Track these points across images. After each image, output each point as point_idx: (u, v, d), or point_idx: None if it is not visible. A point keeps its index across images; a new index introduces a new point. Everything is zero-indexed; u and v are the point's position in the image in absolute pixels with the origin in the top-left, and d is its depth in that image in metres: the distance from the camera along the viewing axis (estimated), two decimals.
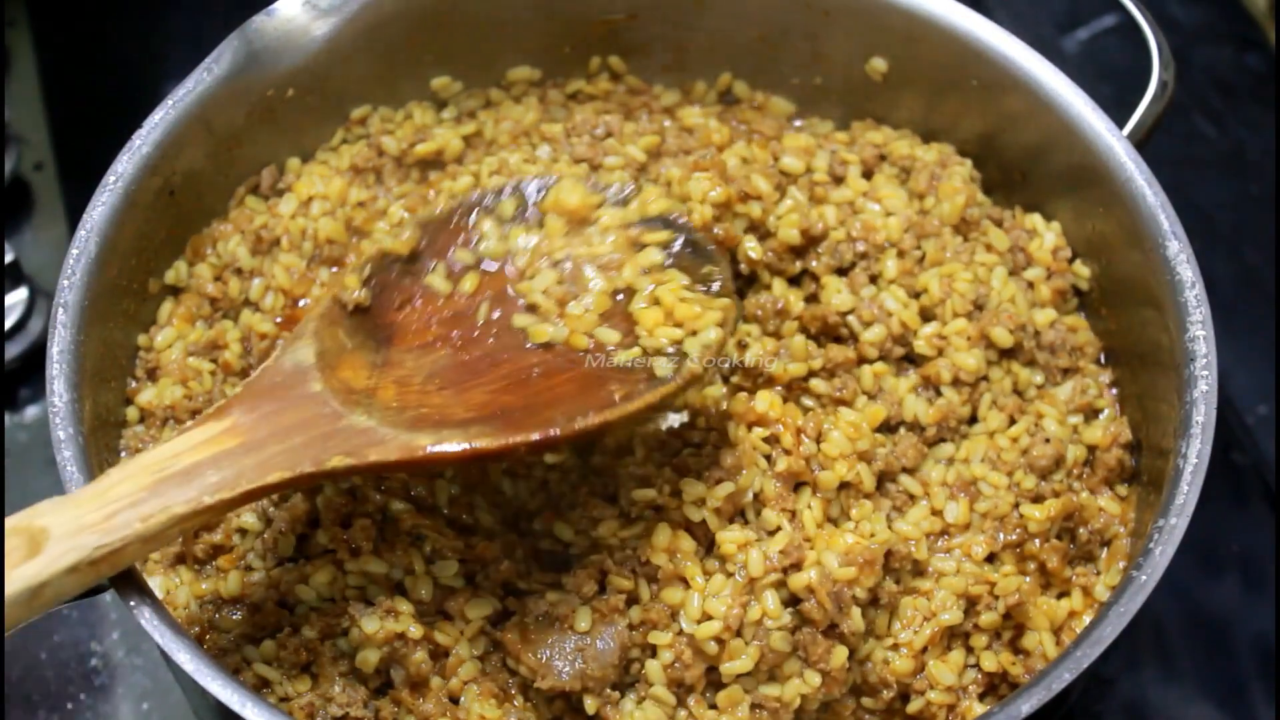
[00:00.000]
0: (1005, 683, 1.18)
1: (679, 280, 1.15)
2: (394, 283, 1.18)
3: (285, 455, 1.02)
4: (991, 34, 1.34)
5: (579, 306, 1.14)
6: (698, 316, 1.13)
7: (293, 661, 1.10)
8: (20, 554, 0.93)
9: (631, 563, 1.13)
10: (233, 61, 1.29)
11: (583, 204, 1.18)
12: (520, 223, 1.20)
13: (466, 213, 1.20)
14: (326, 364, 1.11)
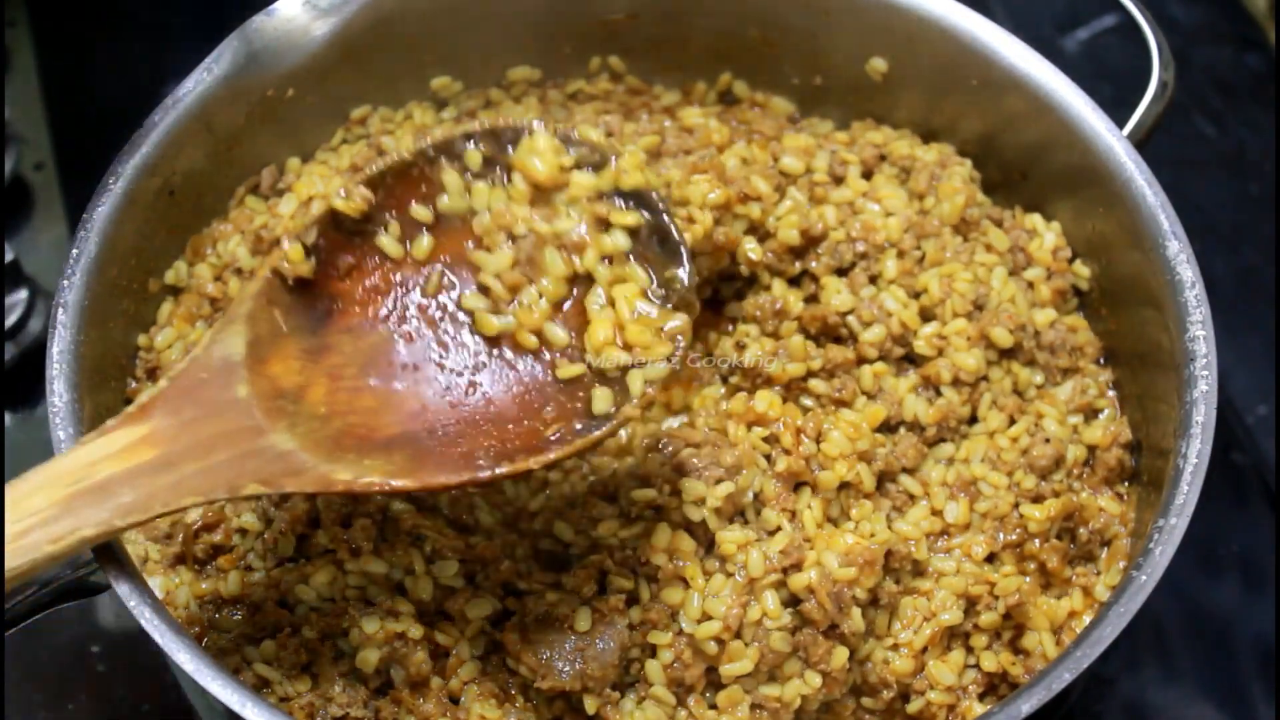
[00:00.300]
0: (1005, 683, 1.18)
1: (638, 280, 1.08)
2: (339, 246, 1.11)
3: (201, 476, 0.99)
4: (991, 34, 1.34)
5: (531, 294, 1.09)
6: (648, 344, 1.06)
7: (293, 661, 1.10)
8: None
9: (631, 563, 1.13)
10: (233, 61, 1.29)
11: (552, 169, 1.09)
12: (487, 178, 1.11)
13: (429, 160, 1.11)
14: (257, 357, 1.05)
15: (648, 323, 1.06)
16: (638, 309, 1.07)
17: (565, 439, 1.04)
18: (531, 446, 1.04)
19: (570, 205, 1.09)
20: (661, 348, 1.05)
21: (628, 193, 1.09)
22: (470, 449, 1.04)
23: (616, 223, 1.09)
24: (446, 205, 1.11)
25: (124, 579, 1.03)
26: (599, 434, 1.04)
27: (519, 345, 1.09)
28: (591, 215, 1.09)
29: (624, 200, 1.09)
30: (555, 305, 1.09)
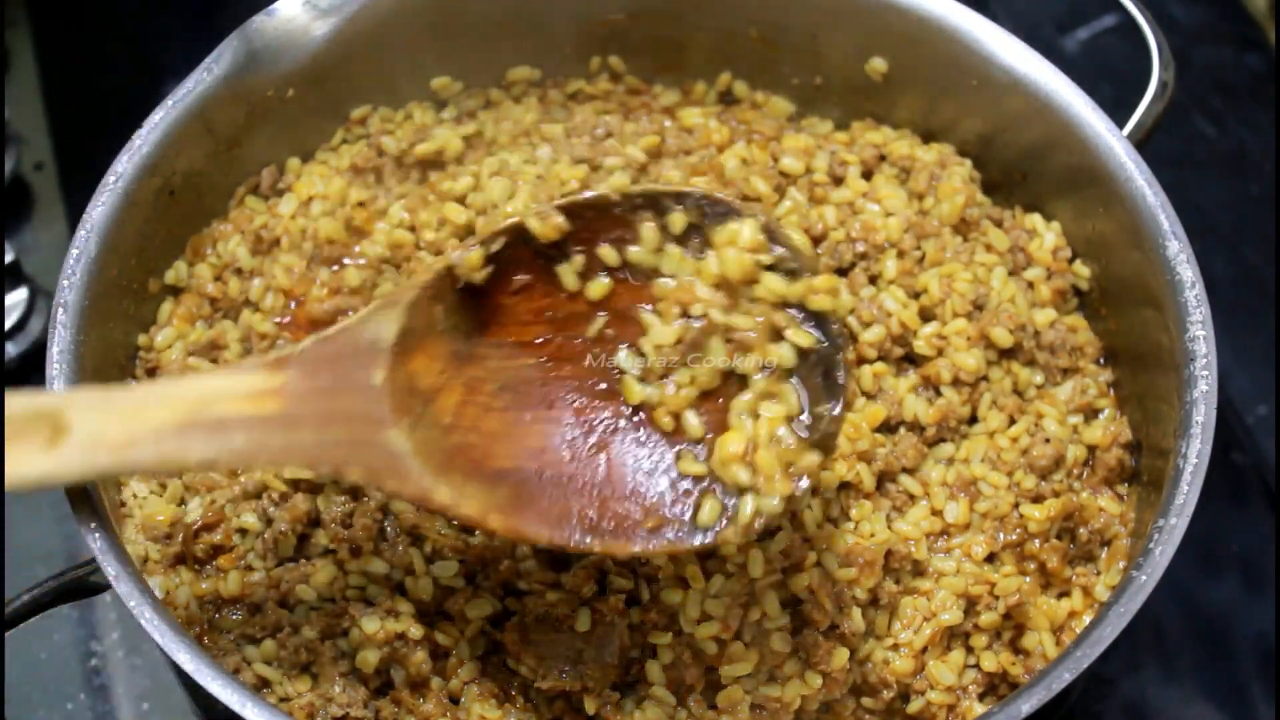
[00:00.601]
0: (1005, 683, 1.18)
1: (789, 404, 1.02)
2: (518, 262, 1.08)
3: (313, 446, 0.99)
4: (991, 34, 1.34)
5: (684, 376, 1.05)
6: (772, 475, 1.01)
7: (293, 661, 1.10)
8: (38, 442, 0.92)
9: (631, 563, 1.13)
10: (233, 61, 1.29)
11: (747, 269, 1.03)
12: (684, 245, 1.07)
13: (632, 207, 1.07)
14: (404, 347, 1.03)
15: (782, 452, 1.01)
16: (777, 434, 1.02)
17: (657, 537, 1.01)
18: (622, 529, 1.02)
19: (753, 303, 1.04)
20: (783, 485, 1.00)
21: (811, 312, 1.04)
22: (568, 509, 1.02)
23: (791, 338, 1.03)
24: (635, 256, 1.07)
25: (124, 579, 1.03)
26: (687, 546, 1.01)
27: (654, 423, 1.05)
28: (769, 321, 1.04)
29: (805, 318, 1.04)
30: (702, 396, 1.05)
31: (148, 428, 0.95)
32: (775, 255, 1.04)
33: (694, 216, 1.06)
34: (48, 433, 0.92)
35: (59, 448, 0.93)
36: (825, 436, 1.02)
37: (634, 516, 1.02)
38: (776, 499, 1.00)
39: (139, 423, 0.95)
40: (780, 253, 1.04)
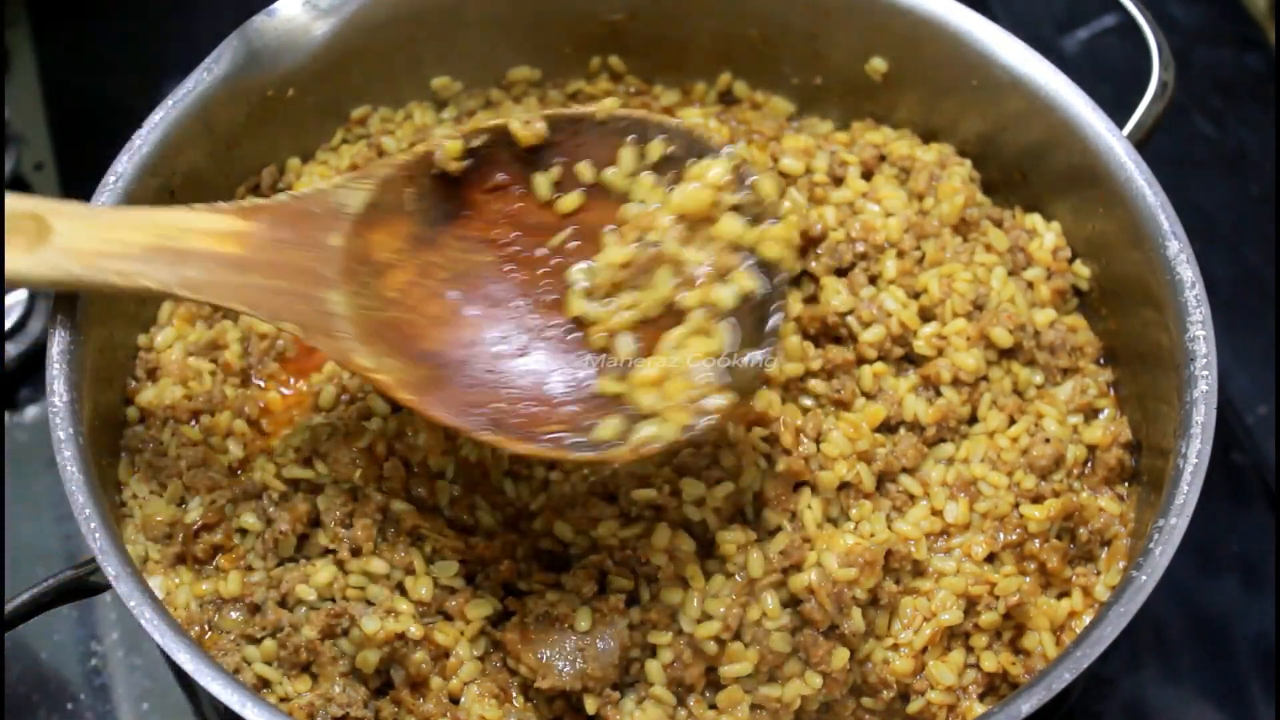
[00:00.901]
0: (1005, 683, 1.18)
1: (717, 343, 1.05)
2: (496, 161, 1.12)
3: (257, 291, 1.04)
4: (991, 34, 1.34)
5: (627, 299, 1.08)
6: (677, 406, 1.04)
7: (293, 661, 1.10)
8: (25, 241, 0.99)
9: (631, 563, 1.13)
10: (233, 61, 1.29)
11: (705, 203, 1.07)
12: (657, 173, 1.10)
13: (617, 130, 1.11)
14: (367, 219, 1.08)
15: (693, 385, 1.04)
16: (694, 367, 1.04)
17: (555, 444, 1.04)
18: (525, 431, 1.05)
19: (709, 241, 1.07)
20: (683, 415, 1.03)
21: (761, 260, 1.06)
22: (480, 401, 1.05)
23: (735, 280, 1.06)
24: (610, 177, 1.11)
25: (124, 579, 1.03)
26: (579, 456, 1.05)
27: (588, 339, 1.09)
28: (720, 261, 1.06)
29: (755, 264, 1.06)
30: (639, 322, 1.08)
31: (119, 245, 1.02)
32: (740, 198, 1.07)
33: (674, 149, 1.09)
34: (33, 233, 1.00)
35: (39, 250, 1.00)
36: (747, 381, 1.05)
37: (541, 420, 1.05)
38: (674, 427, 1.03)
39: (112, 239, 1.02)
40: (746, 196, 1.07)
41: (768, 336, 1.05)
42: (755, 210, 1.07)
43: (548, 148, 1.11)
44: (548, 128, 1.11)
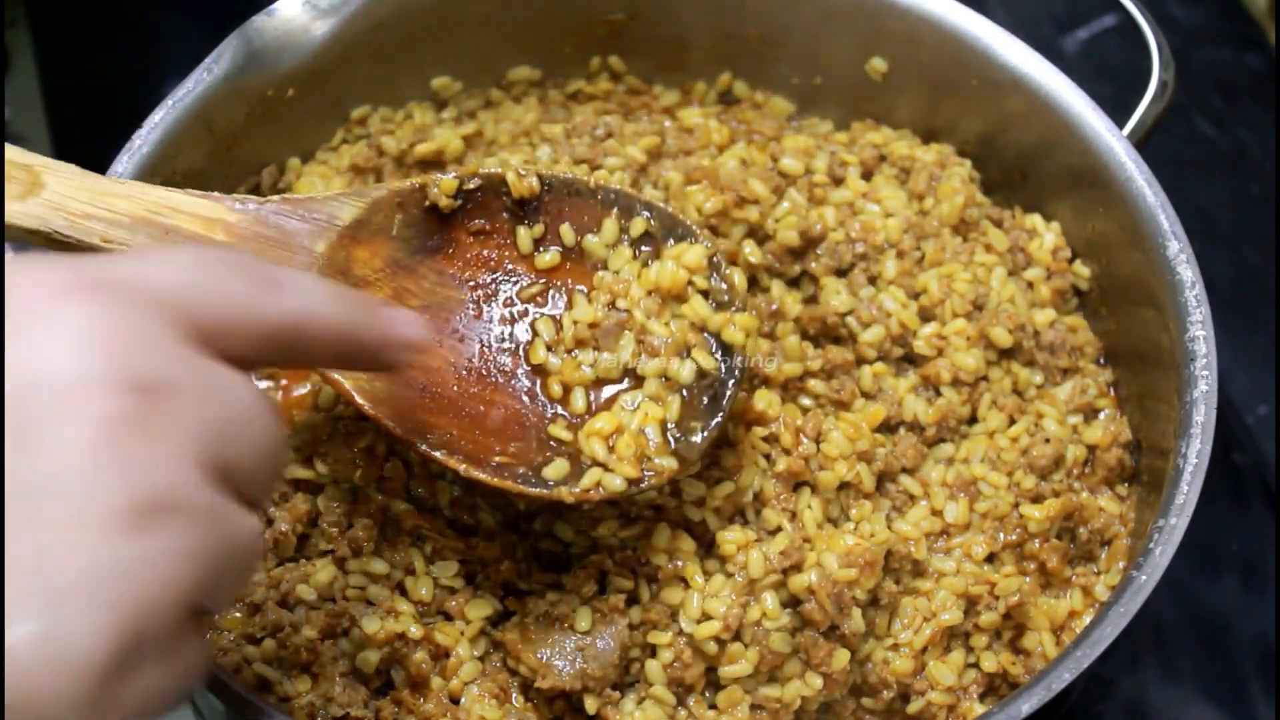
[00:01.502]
0: (1005, 683, 1.18)
1: (668, 411, 1.10)
2: (485, 208, 1.16)
3: None
4: (991, 34, 1.34)
5: (587, 358, 1.12)
6: (622, 460, 1.07)
7: (293, 661, 1.10)
8: (16, 189, 1.00)
9: (631, 563, 1.13)
10: (233, 61, 1.29)
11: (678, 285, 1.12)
12: (635, 248, 1.15)
13: (604, 201, 1.16)
14: (353, 234, 1.10)
15: (640, 447, 1.08)
16: (646, 430, 1.09)
17: (500, 472, 1.07)
18: (473, 456, 1.07)
19: (675, 318, 1.13)
20: (632, 469, 1.07)
21: (723, 342, 1.12)
22: (433, 424, 1.07)
23: (696, 358, 1.11)
24: (590, 244, 1.15)
25: None
26: (526, 490, 1.07)
27: (545, 387, 1.11)
28: (683, 337, 1.12)
29: (716, 346, 1.12)
30: (595, 382, 1.12)
31: (107, 211, 1.02)
32: (711, 285, 1.13)
33: (655, 229, 1.15)
34: (24, 184, 1.01)
35: (28, 200, 1.00)
36: (682, 451, 1.09)
37: (493, 450, 1.08)
38: (620, 480, 1.07)
39: (101, 204, 1.02)
40: (717, 284, 1.13)
41: (715, 413, 1.11)
42: (723, 297, 1.13)
43: (537, 204, 1.16)
44: (540, 185, 1.16)
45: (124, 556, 0.68)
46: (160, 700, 0.73)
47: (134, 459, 0.69)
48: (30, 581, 0.66)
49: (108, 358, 0.70)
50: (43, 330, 0.70)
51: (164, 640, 0.71)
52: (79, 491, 0.67)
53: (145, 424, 0.70)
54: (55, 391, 0.69)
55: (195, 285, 0.79)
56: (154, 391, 0.71)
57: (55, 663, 0.66)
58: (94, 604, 0.67)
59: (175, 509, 0.70)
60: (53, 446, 0.67)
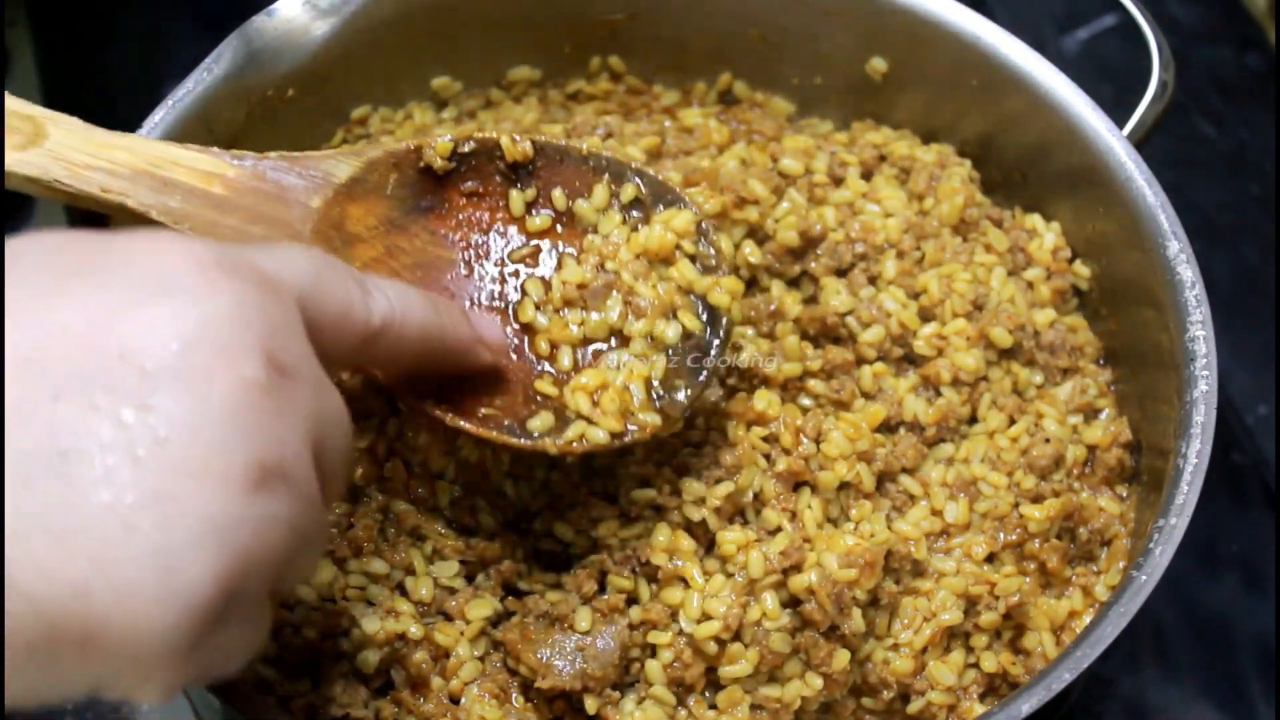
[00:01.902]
0: (1005, 683, 1.18)
1: (654, 369, 1.11)
2: (478, 170, 1.18)
3: (236, 234, 1.07)
4: (991, 34, 1.34)
5: (575, 317, 1.13)
6: (606, 414, 1.09)
7: (293, 662, 1.10)
8: (18, 140, 1.01)
9: (631, 563, 1.13)
10: (233, 61, 1.29)
11: (666, 247, 1.14)
12: (626, 212, 1.17)
13: (596, 166, 1.18)
14: (349, 191, 1.13)
15: (625, 402, 1.10)
16: (630, 387, 1.10)
17: (485, 423, 1.08)
18: (461, 408, 1.08)
19: (662, 281, 1.14)
20: (615, 423, 1.09)
21: (709, 305, 1.14)
22: (421, 378, 1.08)
23: (682, 319, 1.13)
24: (581, 208, 1.17)
25: None
26: (510, 440, 1.08)
27: (532, 344, 1.12)
28: (669, 299, 1.13)
29: (702, 307, 1.14)
30: (583, 340, 1.13)
31: (108, 162, 1.04)
32: (699, 249, 1.15)
33: (645, 195, 1.16)
34: (28, 134, 1.02)
35: (29, 150, 1.02)
36: (666, 409, 1.10)
37: (480, 402, 1.09)
38: (604, 433, 1.09)
39: (102, 156, 1.05)
40: (704, 249, 1.15)
41: (697, 374, 1.12)
42: (710, 262, 1.15)
43: (529, 168, 1.17)
44: (534, 150, 1.17)
45: (241, 511, 0.72)
46: (231, 663, 0.78)
47: (264, 424, 0.74)
48: (154, 514, 0.69)
49: (255, 333, 0.75)
50: (200, 294, 0.75)
51: (251, 602, 0.76)
52: (214, 442, 0.72)
53: (277, 397, 0.75)
54: (211, 347, 0.73)
55: (316, 286, 0.85)
56: (285, 372, 0.77)
57: (165, 594, 0.70)
58: (211, 548, 0.71)
59: (286, 479, 0.75)
60: (199, 397, 0.72)
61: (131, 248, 0.77)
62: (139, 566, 0.69)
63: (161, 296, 0.74)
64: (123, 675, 0.72)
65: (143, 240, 0.78)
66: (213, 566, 0.71)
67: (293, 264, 0.85)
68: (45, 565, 0.68)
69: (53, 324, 0.72)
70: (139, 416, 0.70)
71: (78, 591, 0.68)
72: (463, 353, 1.05)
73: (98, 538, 0.68)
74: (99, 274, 0.75)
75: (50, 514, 0.68)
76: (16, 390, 0.69)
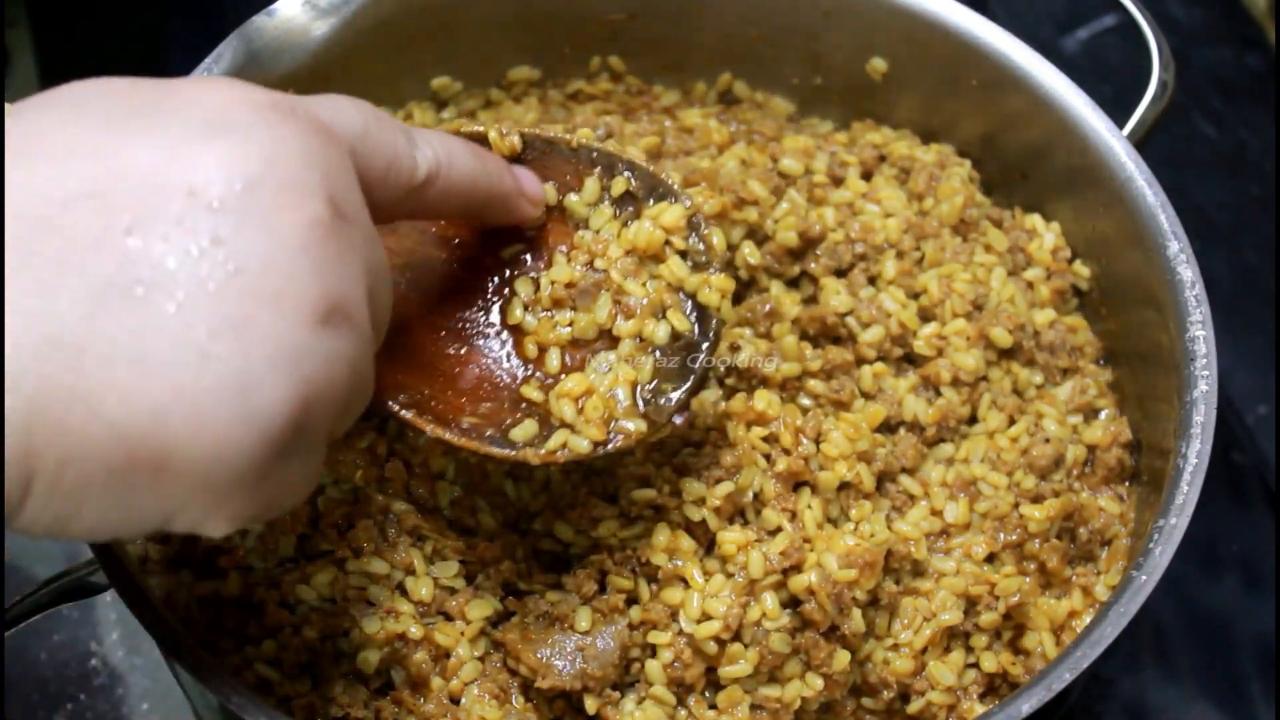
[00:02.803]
0: (1005, 683, 1.18)
1: (641, 373, 1.09)
2: None
3: None
4: (991, 34, 1.34)
5: (564, 318, 1.11)
6: (590, 422, 1.06)
7: (293, 662, 1.10)
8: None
9: (631, 563, 1.13)
10: (233, 61, 1.29)
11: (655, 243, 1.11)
12: (617, 207, 1.14)
13: (587, 160, 1.15)
14: None
15: (609, 407, 1.08)
16: (615, 392, 1.08)
17: (468, 433, 1.07)
18: (440, 416, 1.07)
19: (652, 279, 1.12)
20: (597, 431, 1.06)
21: (698, 304, 1.11)
22: (404, 382, 1.07)
23: (670, 319, 1.10)
24: (572, 203, 1.14)
25: (124, 579, 1.03)
26: (492, 451, 1.07)
27: (519, 347, 1.10)
28: (659, 298, 1.11)
29: (692, 306, 1.11)
30: (572, 342, 1.11)
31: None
32: (689, 244, 1.12)
33: (636, 188, 1.14)
34: None
35: None
36: (655, 414, 1.08)
37: (462, 411, 1.08)
38: (586, 442, 1.06)
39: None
40: (694, 245, 1.12)
41: (686, 375, 1.10)
42: (701, 258, 1.12)
43: (519, 163, 1.14)
44: (522, 143, 1.15)
45: (311, 342, 0.74)
46: (291, 499, 0.80)
47: (331, 263, 0.76)
48: (230, 342, 0.71)
49: (317, 173, 0.78)
50: (262, 135, 0.77)
51: (315, 437, 0.78)
52: (284, 275, 0.73)
53: (340, 238, 0.77)
54: (277, 186, 0.75)
55: (365, 137, 0.88)
56: (345, 216, 0.79)
57: (240, 420, 0.72)
58: (285, 376, 0.73)
59: (349, 317, 0.77)
60: (268, 231, 0.74)
61: (191, 90, 0.79)
62: (215, 392, 0.71)
63: (224, 135, 0.75)
64: (194, 503, 0.73)
65: (202, 84, 0.79)
66: (286, 395, 0.73)
67: (343, 113, 0.87)
68: (125, 391, 0.69)
69: (120, 160, 0.73)
70: (210, 249, 0.72)
71: (156, 417, 0.70)
72: (506, 204, 1.06)
73: (175, 364, 0.70)
74: (161, 114, 0.76)
75: (129, 341, 0.70)
76: (88, 223, 0.71)
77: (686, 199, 1.13)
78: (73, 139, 0.74)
